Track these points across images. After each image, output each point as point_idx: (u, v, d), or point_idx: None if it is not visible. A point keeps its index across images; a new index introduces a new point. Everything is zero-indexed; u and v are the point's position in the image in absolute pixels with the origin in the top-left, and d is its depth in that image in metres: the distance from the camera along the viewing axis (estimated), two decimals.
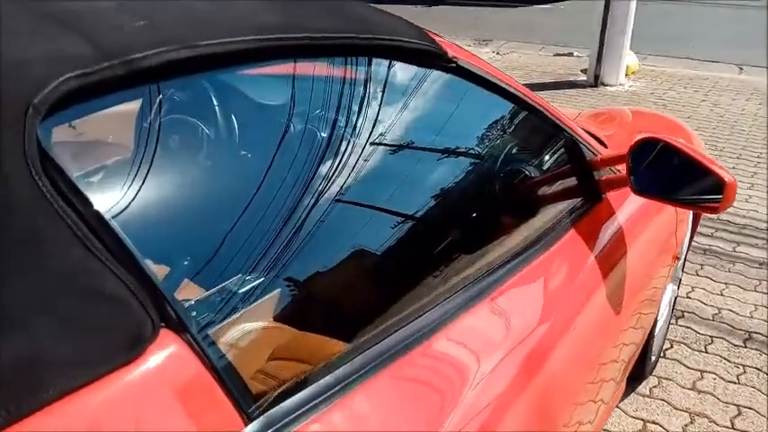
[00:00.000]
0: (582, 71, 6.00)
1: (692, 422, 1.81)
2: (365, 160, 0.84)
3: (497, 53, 7.06)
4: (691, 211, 1.88)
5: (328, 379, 0.61)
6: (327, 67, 0.82)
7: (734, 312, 2.33)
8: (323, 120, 0.81)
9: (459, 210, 0.99)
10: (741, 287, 2.50)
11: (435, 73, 0.98)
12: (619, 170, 1.30)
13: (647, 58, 6.70)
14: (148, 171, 0.66)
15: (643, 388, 1.94)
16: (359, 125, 0.86)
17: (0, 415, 0.39)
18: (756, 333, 2.21)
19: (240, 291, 0.69)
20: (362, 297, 0.79)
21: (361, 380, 0.63)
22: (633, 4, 5.42)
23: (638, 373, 1.86)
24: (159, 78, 0.58)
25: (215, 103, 0.82)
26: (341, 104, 0.85)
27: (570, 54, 6.86)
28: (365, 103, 0.93)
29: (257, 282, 0.71)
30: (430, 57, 0.93)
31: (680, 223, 1.51)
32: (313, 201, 0.73)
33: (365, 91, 0.92)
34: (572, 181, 1.22)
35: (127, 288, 0.46)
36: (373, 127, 0.87)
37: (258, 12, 0.74)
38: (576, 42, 7.01)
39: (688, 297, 2.43)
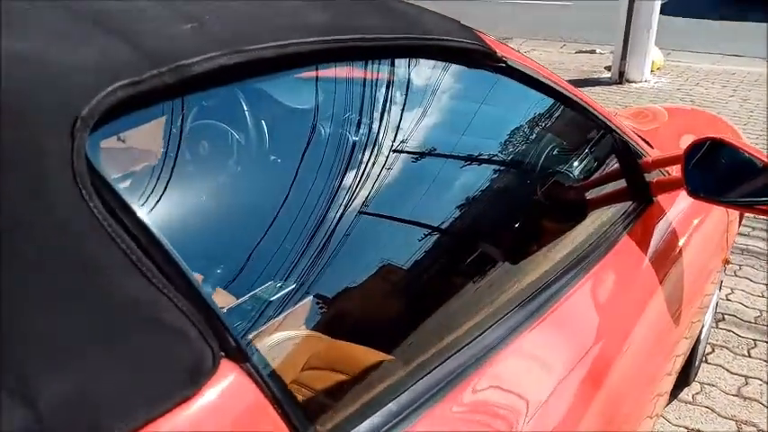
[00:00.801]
0: (606, 68, 5.91)
1: (738, 430, 1.74)
2: (416, 164, 0.80)
3: (518, 51, 6.97)
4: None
5: (391, 406, 0.57)
6: (380, 68, 0.78)
7: None
8: (377, 123, 0.77)
9: (511, 218, 0.95)
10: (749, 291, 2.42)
11: (485, 73, 0.93)
12: (668, 172, 1.24)
13: (671, 53, 6.58)
14: (201, 188, 0.62)
15: (685, 395, 1.88)
16: (411, 128, 0.81)
17: None
18: None
19: (289, 310, 0.65)
20: (418, 315, 0.74)
21: (424, 407, 0.59)
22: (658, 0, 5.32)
23: (682, 380, 1.80)
24: (210, 85, 0.55)
25: (266, 109, 0.79)
26: (393, 107, 0.81)
27: (593, 51, 6.75)
28: (417, 104, 0.89)
29: (305, 300, 0.67)
30: (480, 56, 0.89)
31: (731, 224, 1.44)
32: (375, 207, 0.69)
33: (417, 92, 0.88)
34: (622, 183, 1.16)
35: (186, 318, 0.43)
36: (424, 130, 0.83)
37: (307, 11, 0.70)
38: (597, 39, 6.91)
39: (728, 299, 2.36)
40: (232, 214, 0.65)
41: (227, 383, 0.45)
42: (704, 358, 2.03)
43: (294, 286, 0.67)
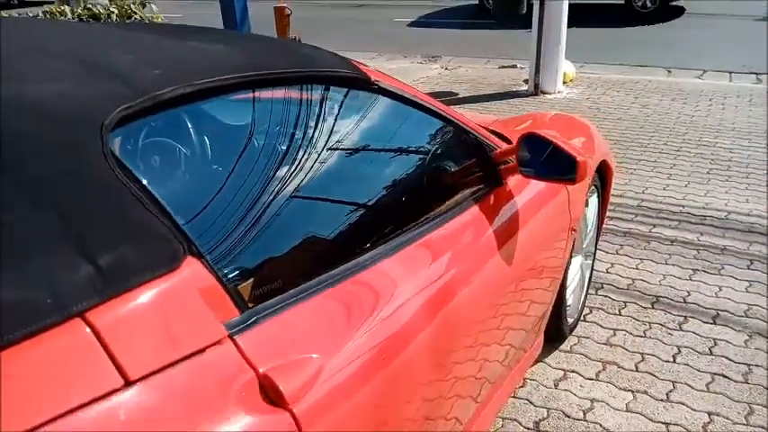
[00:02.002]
0: (524, 81, 6.47)
1: (603, 369, 2.18)
2: (320, 162, 1.18)
3: (445, 68, 7.50)
4: (592, 196, 2.27)
5: (301, 288, 0.94)
6: (285, 94, 1.16)
7: (645, 282, 2.73)
8: (286, 133, 1.15)
9: (391, 191, 1.33)
10: (654, 261, 2.91)
11: (363, 93, 1.32)
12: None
13: (584, 66, 7.22)
14: (170, 159, 0.99)
15: (565, 346, 2.31)
16: (314, 136, 1.19)
17: (96, 293, 0.70)
18: (663, 297, 2.61)
19: (237, 231, 1.01)
20: (329, 237, 1.12)
21: (318, 292, 0.96)
22: (565, 18, 5.90)
23: (557, 334, 2.22)
24: (173, 106, 0.91)
25: (209, 122, 1.16)
26: (296, 122, 1.19)
27: (514, 66, 7.34)
28: (313, 119, 1.27)
29: (252, 221, 1.02)
30: (358, 82, 1.28)
31: (574, 203, 1.87)
32: (284, 184, 1.07)
33: (313, 110, 1.26)
34: (477, 171, 1.57)
35: (169, 230, 0.79)
36: (326, 136, 1.21)
37: (230, 55, 1.08)
38: (519, 55, 7.50)
39: (607, 272, 2.82)
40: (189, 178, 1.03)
41: (191, 268, 0.81)
42: (583, 318, 2.48)
43: (238, 211, 1.02)
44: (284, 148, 1.14)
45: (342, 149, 1.24)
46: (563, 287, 2.04)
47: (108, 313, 0.70)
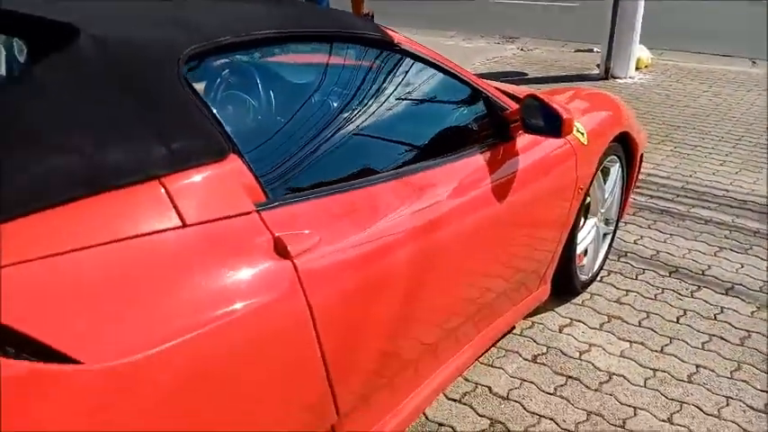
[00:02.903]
0: (597, 65, 6.50)
1: (608, 321, 2.41)
2: (345, 98, 1.50)
3: (521, 49, 7.60)
4: (614, 165, 2.47)
5: (315, 191, 1.27)
6: (323, 53, 1.49)
7: (669, 254, 2.89)
8: (319, 77, 1.49)
9: (410, 130, 1.65)
10: (683, 237, 3.05)
11: (391, 54, 1.63)
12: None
13: (664, 53, 7.13)
14: (225, 90, 1.35)
15: (577, 300, 2.54)
16: (341, 81, 1.52)
17: (169, 166, 1.05)
18: (683, 268, 2.77)
19: (269, 142, 1.35)
20: (343, 156, 1.45)
21: (329, 195, 1.29)
22: (642, 1, 5.89)
23: (567, 288, 2.46)
24: (228, 51, 1.25)
25: (254, 63, 1.52)
26: (327, 69, 1.51)
27: (590, 50, 7.34)
28: (341, 67, 1.59)
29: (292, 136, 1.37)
30: (383, 43, 1.58)
31: (582, 164, 2.10)
32: (329, 117, 1.42)
33: (347, 65, 1.58)
34: (490, 126, 1.84)
35: (219, 133, 1.14)
36: (350, 81, 1.53)
37: (275, 16, 1.41)
38: (598, 39, 7.48)
39: (634, 243, 3.00)
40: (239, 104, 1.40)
41: (232, 162, 1.15)
42: (600, 279, 2.69)
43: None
44: (317, 88, 1.47)
45: (365, 94, 1.56)
46: (571, 242, 2.28)
47: (174, 179, 1.05)
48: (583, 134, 2.14)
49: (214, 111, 1.17)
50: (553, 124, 1.69)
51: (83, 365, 0.84)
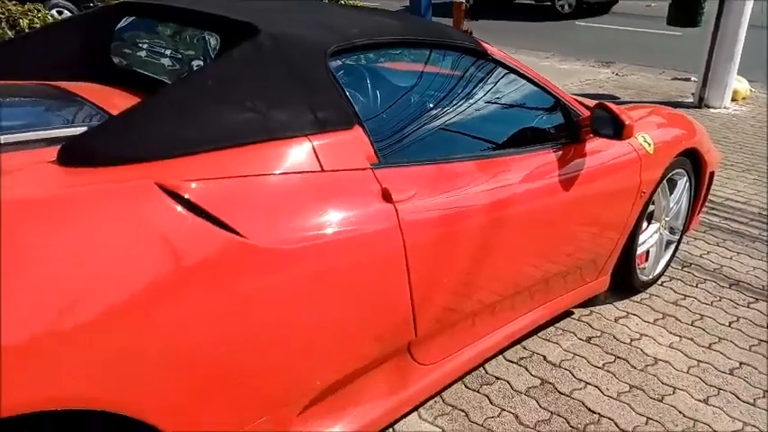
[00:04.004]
0: (692, 94, 6.54)
1: (662, 318, 2.64)
2: (447, 92, 1.90)
3: (616, 74, 7.73)
4: (681, 178, 2.71)
5: (420, 159, 1.67)
6: (429, 56, 1.90)
7: (733, 269, 3.06)
8: (427, 76, 1.90)
9: (496, 125, 2.02)
10: (749, 256, 3.20)
11: (483, 61, 2.00)
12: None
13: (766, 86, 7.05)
14: (358, 79, 1.79)
15: (636, 297, 2.78)
16: (442, 81, 1.91)
17: (315, 128, 1.47)
18: (744, 282, 2.94)
19: (385, 119, 1.76)
20: (444, 138, 1.84)
21: (432, 164, 1.67)
22: (742, 34, 5.92)
23: (627, 285, 2.71)
24: (361, 50, 1.67)
25: (380, 60, 1.94)
26: (435, 74, 1.91)
27: (687, 79, 7.35)
28: (446, 73, 1.98)
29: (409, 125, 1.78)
30: (477, 52, 1.96)
31: (646, 169, 2.37)
32: (427, 112, 1.83)
33: (446, 67, 1.97)
34: (564, 128, 2.17)
35: (352, 110, 1.55)
36: (450, 81, 1.93)
37: (397, 25, 1.82)
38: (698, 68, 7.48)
39: (700, 256, 3.18)
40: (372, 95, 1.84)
41: (356, 130, 1.55)
42: (660, 283, 2.91)
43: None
44: (421, 84, 1.87)
45: (459, 91, 1.94)
46: (632, 242, 2.54)
47: (318, 137, 1.47)
48: (650, 144, 2.41)
49: (347, 93, 1.58)
50: (616, 129, 2.00)
51: (255, 242, 1.26)
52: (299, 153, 1.44)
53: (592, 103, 2.61)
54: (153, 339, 1.11)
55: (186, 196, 1.21)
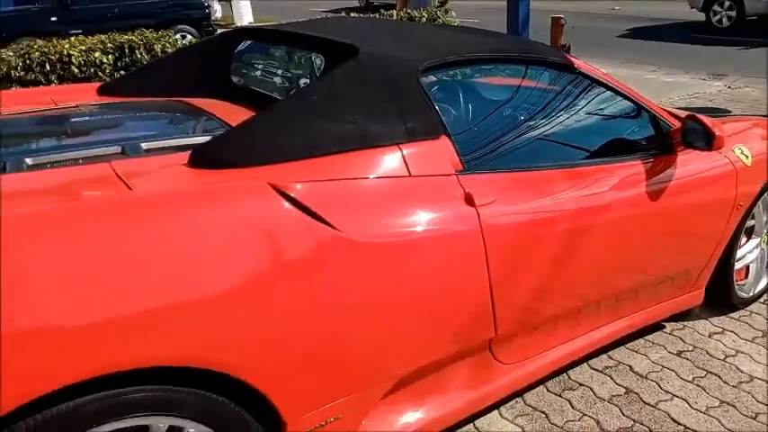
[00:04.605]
0: None
1: (761, 337, 2.55)
2: (536, 113, 2.00)
3: (728, 87, 7.34)
4: None
5: (507, 166, 1.78)
6: (515, 71, 2.01)
7: None
8: (516, 90, 2.00)
9: (585, 137, 2.09)
10: None
11: (570, 75, 2.08)
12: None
13: None
14: (446, 93, 1.94)
15: (734, 314, 2.70)
16: (533, 94, 2.02)
17: (405, 138, 1.63)
18: None
19: (470, 131, 1.89)
20: (536, 147, 1.94)
21: (516, 171, 1.78)
22: None
23: (724, 301, 2.64)
24: (451, 66, 1.82)
25: (470, 76, 2.08)
26: (522, 87, 2.02)
27: None
28: (533, 86, 2.08)
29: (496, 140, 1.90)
30: (565, 66, 2.05)
31: (743, 182, 2.32)
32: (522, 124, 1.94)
33: (533, 81, 2.07)
34: (656, 140, 2.19)
35: (439, 121, 1.69)
36: (541, 95, 2.02)
37: (487, 42, 1.95)
38: None
39: None
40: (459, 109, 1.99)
41: (443, 140, 1.70)
42: (762, 300, 2.80)
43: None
44: (507, 97, 1.99)
45: (545, 103, 2.04)
46: (729, 256, 2.48)
47: (407, 146, 1.63)
48: (747, 156, 2.37)
49: (436, 106, 1.73)
50: (707, 140, 2.00)
51: (351, 237, 1.43)
52: (390, 160, 1.60)
53: (684, 114, 2.60)
54: (263, 314, 1.30)
55: (293, 195, 1.40)
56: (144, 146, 1.64)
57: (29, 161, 1.51)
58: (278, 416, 1.37)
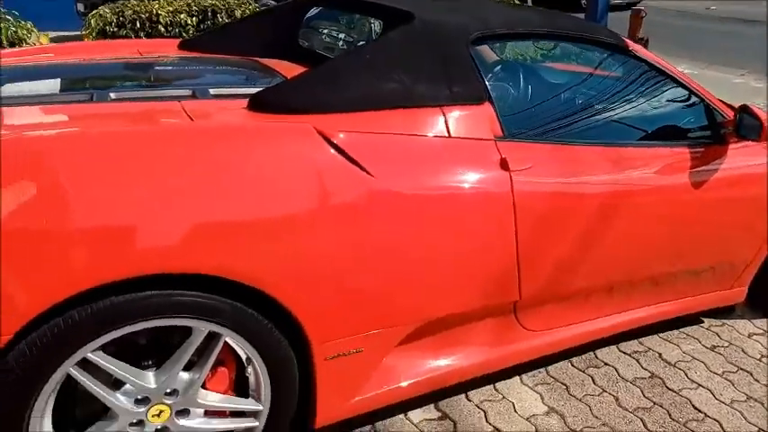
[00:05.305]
0: None
1: None
2: (594, 95, 2.04)
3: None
4: None
5: (546, 137, 1.85)
6: (567, 48, 2.05)
7: None
8: (573, 73, 2.06)
9: (631, 122, 2.11)
10: None
11: (624, 57, 2.11)
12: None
13: None
14: (493, 63, 2.02)
15: None
16: (581, 73, 2.06)
17: (449, 101, 1.72)
18: None
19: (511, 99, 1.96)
20: (578, 123, 2.00)
21: (562, 143, 1.86)
22: None
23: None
24: (503, 38, 1.89)
25: (518, 49, 2.15)
26: (574, 66, 2.06)
27: None
28: (583, 65, 2.12)
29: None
30: (619, 47, 2.08)
31: None
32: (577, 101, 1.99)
33: (584, 60, 2.11)
34: (708, 129, 2.19)
35: (485, 88, 1.78)
36: (592, 75, 2.07)
37: (542, 19, 2.01)
38: None
39: None
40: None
41: (486, 106, 1.79)
42: None
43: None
44: (554, 72, 2.04)
45: (593, 81, 2.08)
46: None
47: (450, 109, 1.72)
48: None
49: (482, 73, 1.82)
50: (759, 131, 1.99)
51: (386, 186, 1.55)
52: (432, 120, 1.70)
53: (737, 105, 2.56)
54: (299, 241, 1.44)
55: (335, 141, 1.53)
56: (212, 91, 1.81)
57: (112, 95, 1.71)
58: (305, 338, 1.51)
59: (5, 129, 1.41)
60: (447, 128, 1.71)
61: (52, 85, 1.80)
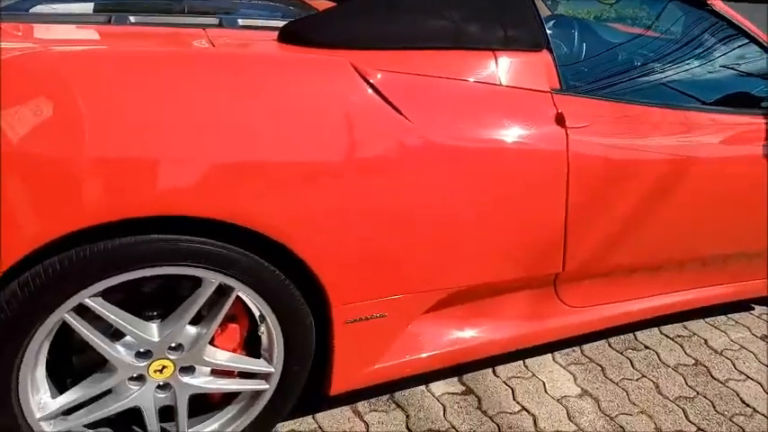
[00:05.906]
0: None
1: None
2: (663, 53, 1.82)
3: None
4: None
5: (607, 94, 1.65)
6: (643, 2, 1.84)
7: None
8: (642, 28, 1.84)
9: (701, 84, 1.89)
10: None
11: (700, 12, 1.87)
12: None
13: None
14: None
15: None
16: (652, 30, 1.84)
17: (504, 46, 1.52)
18: None
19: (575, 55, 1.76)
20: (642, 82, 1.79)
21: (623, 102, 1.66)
22: None
23: None
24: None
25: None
26: (644, 20, 1.84)
27: None
28: (654, 20, 1.89)
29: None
30: (696, 2, 1.84)
31: None
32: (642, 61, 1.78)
33: (655, 13, 1.89)
34: None
35: (543, 34, 1.57)
36: (659, 35, 1.84)
37: None
38: None
39: None
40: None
41: (545, 55, 1.57)
42: None
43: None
44: (629, 29, 1.82)
45: (665, 38, 1.85)
46: None
47: (502, 54, 1.52)
48: None
49: (543, 20, 1.61)
50: None
51: (424, 133, 1.37)
52: (481, 65, 1.50)
53: None
54: (322, 189, 1.28)
55: (372, 81, 1.35)
56: (240, 21, 1.63)
57: (132, 19, 1.54)
58: (325, 298, 1.36)
59: (34, 42, 1.27)
60: (498, 75, 1.51)
61: (86, 7, 1.74)
